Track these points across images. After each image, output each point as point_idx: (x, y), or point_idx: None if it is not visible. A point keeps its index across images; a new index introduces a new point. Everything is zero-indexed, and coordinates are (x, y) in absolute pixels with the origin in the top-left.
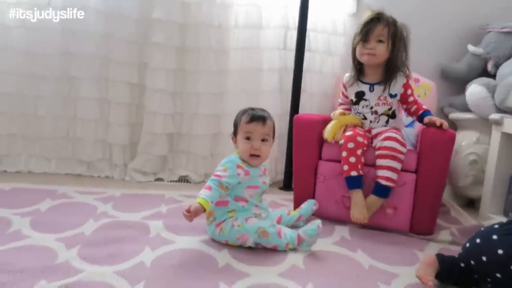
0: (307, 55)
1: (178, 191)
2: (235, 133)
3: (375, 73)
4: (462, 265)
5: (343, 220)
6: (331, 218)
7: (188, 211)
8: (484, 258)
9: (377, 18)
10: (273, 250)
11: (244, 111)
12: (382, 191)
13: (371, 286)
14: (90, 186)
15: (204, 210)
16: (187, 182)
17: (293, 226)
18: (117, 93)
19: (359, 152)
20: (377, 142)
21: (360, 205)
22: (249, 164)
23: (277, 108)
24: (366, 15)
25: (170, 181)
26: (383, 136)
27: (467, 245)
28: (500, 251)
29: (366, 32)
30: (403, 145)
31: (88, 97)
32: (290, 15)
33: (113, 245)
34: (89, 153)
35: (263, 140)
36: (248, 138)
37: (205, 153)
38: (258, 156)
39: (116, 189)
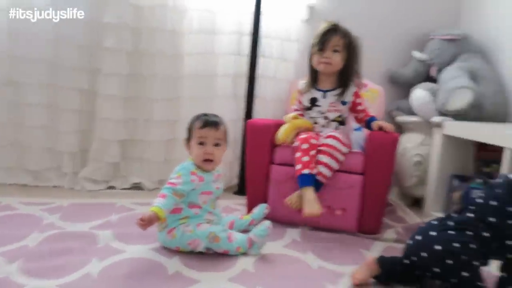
0: (261, 61)
1: (130, 199)
2: (188, 139)
3: (329, 81)
4: (406, 261)
5: (295, 223)
6: (283, 221)
7: (142, 219)
8: (423, 254)
9: (334, 29)
10: (224, 255)
11: (197, 117)
12: (315, 185)
13: (318, 287)
14: (37, 196)
15: (159, 219)
16: (140, 189)
17: (246, 231)
18: (66, 99)
19: (312, 153)
20: (323, 139)
21: (312, 200)
22: (202, 169)
23: (231, 113)
24: (323, 26)
25: (123, 189)
26: (327, 134)
27: (409, 242)
28: (437, 247)
29: (323, 42)
30: (344, 145)
31: (35, 103)
32: (244, 21)
33: (59, 257)
34: (36, 161)
35: (216, 145)
36: (201, 143)
37: (159, 159)
38: (211, 160)
39: (64, 199)
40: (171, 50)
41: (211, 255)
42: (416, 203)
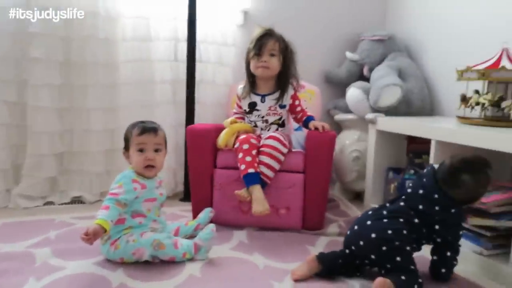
0: (199, 66)
1: (70, 214)
2: (126, 148)
3: (267, 85)
4: (347, 251)
5: (241, 225)
6: (229, 224)
7: (87, 234)
8: (361, 243)
9: (269, 34)
10: (171, 262)
11: (133, 125)
12: (259, 181)
13: (264, 286)
14: None
15: (105, 231)
16: (81, 203)
17: (193, 236)
18: None
19: (254, 152)
20: (263, 140)
21: (260, 198)
22: (144, 176)
23: (172, 119)
24: (257, 31)
25: (62, 204)
26: (267, 135)
27: (348, 232)
28: (373, 235)
29: (259, 46)
30: (284, 145)
31: None
32: (180, 27)
33: None
34: None
35: (156, 150)
36: (141, 150)
37: (99, 170)
38: (153, 166)
39: None
40: (105, 58)
41: (157, 264)
42: (357, 197)
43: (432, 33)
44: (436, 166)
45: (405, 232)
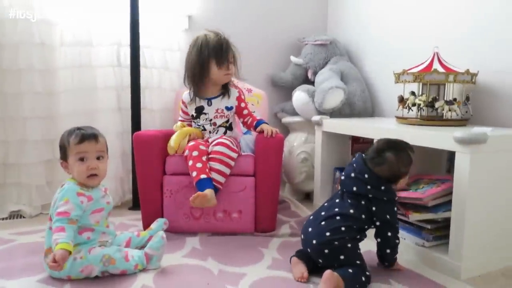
0: (143, 72)
1: (9, 230)
2: (64, 158)
3: (213, 89)
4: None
5: (194, 231)
6: (181, 231)
7: (56, 260)
8: (308, 250)
9: (227, 43)
10: (122, 275)
11: (70, 132)
12: (211, 185)
13: None
14: None
15: (70, 253)
16: (20, 217)
17: (143, 247)
18: None
19: (204, 158)
20: (211, 147)
21: (211, 197)
22: (87, 186)
23: (117, 126)
24: (212, 39)
25: None
26: (215, 141)
27: (302, 236)
28: (314, 241)
29: (224, 59)
30: (233, 150)
31: None
32: (122, 32)
33: None
34: None
35: (98, 158)
36: (81, 159)
37: (39, 182)
38: (96, 175)
39: None
40: (41, 64)
41: (107, 277)
42: (307, 196)
43: (371, 38)
44: (363, 154)
45: (343, 229)
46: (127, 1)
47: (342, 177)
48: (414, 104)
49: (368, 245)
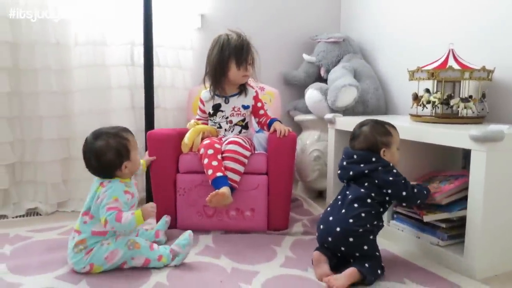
0: (157, 71)
1: (26, 227)
2: (127, 157)
3: (231, 87)
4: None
5: (206, 229)
6: (194, 229)
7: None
8: (329, 239)
9: (247, 44)
10: (136, 271)
11: (118, 132)
12: (227, 183)
13: None
14: None
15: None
16: (37, 214)
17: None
18: None
19: (219, 156)
20: (224, 146)
21: (230, 197)
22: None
23: (131, 125)
24: (234, 39)
25: (16, 217)
26: (228, 140)
27: (317, 233)
28: (338, 229)
29: (243, 59)
30: (246, 148)
31: None
32: (135, 31)
33: None
34: None
35: None
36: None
37: (55, 180)
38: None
39: None
40: (57, 64)
41: (122, 274)
42: (320, 195)
43: (384, 35)
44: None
45: (363, 215)
46: (141, 1)
47: (338, 172)
48: (428, 102)
49: (382, 244)
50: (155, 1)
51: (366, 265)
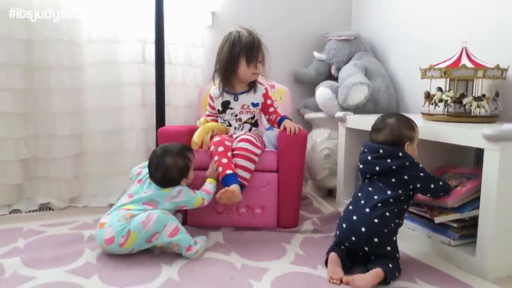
0: (168, 68)
1: (39, 221)
2: (186, 174)
3: (241, 85)
4: (342, 247)
5: (217, 226)
6: (204, 225)
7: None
8: (353, 238)
9: (258, 42)
10: (147, 266)
11: (185, 148)
12: (237, 181)
13: (244, 285)
14: None
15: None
16: (49, 209)
17: None
18: None
19: (229, 154)
20: (234, 143)
21: (239, 194)
22: None
23: (142, 122)
24: (245, 36)
25: (29, 211)
26: (239, 138)
27: (337, 232)
28: (363, 229)
29: (253, 57)
30: (257, 147)
31: None
32: (147, 29)
33: None
34: None
35: None
36: None
37: (68, 176)
38: None
39: None
40: (70, 61)
41: (134, 269)
42: (330, 193)
43: (396, 33)
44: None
45: (387, 214)
46: None
47: (361, 166)
48: (441, 100)
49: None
50: None
51: (390, 265)
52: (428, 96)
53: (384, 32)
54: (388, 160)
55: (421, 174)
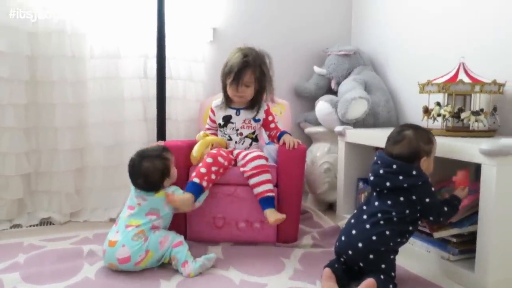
0: (169, 83)
1: (39, 236)
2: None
3: (242, 100)
4: (342, 259)
5: (216, 241)
6: (203, 240)
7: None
8: (350, 252)
9: (246, 65)
10: (146, 283)
11: (161, 153)
12: (271, 202)
13: None
14: None
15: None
16: (50, 224)
17: None
18: None
19: (213, 169)
20: (241, 163)
21: (190, 205)
22: None
23: (143, 136)
24: (235, 55)
25: (30, 226)
26: (248, 158)
27: (337, 243)
28: (360, 244)
29: (237, 79)
30: (265, 158)
31: None
32: (149, 44)
33: None
34: None
35: None
36: None
37: (69, 190)
38: None
39: None
40: (72, 76)
41: (132, 284)
42: (330, 207)
43: (395, 48)
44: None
45: (387, 233)
46: (154, 15)
47: (371, 178)
48: (439, 115)
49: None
50: (168, 15)
51: (382, 277)
52: (426, 111)
53: (384, 47)
54: (400, 177)
55: (427, 200)
